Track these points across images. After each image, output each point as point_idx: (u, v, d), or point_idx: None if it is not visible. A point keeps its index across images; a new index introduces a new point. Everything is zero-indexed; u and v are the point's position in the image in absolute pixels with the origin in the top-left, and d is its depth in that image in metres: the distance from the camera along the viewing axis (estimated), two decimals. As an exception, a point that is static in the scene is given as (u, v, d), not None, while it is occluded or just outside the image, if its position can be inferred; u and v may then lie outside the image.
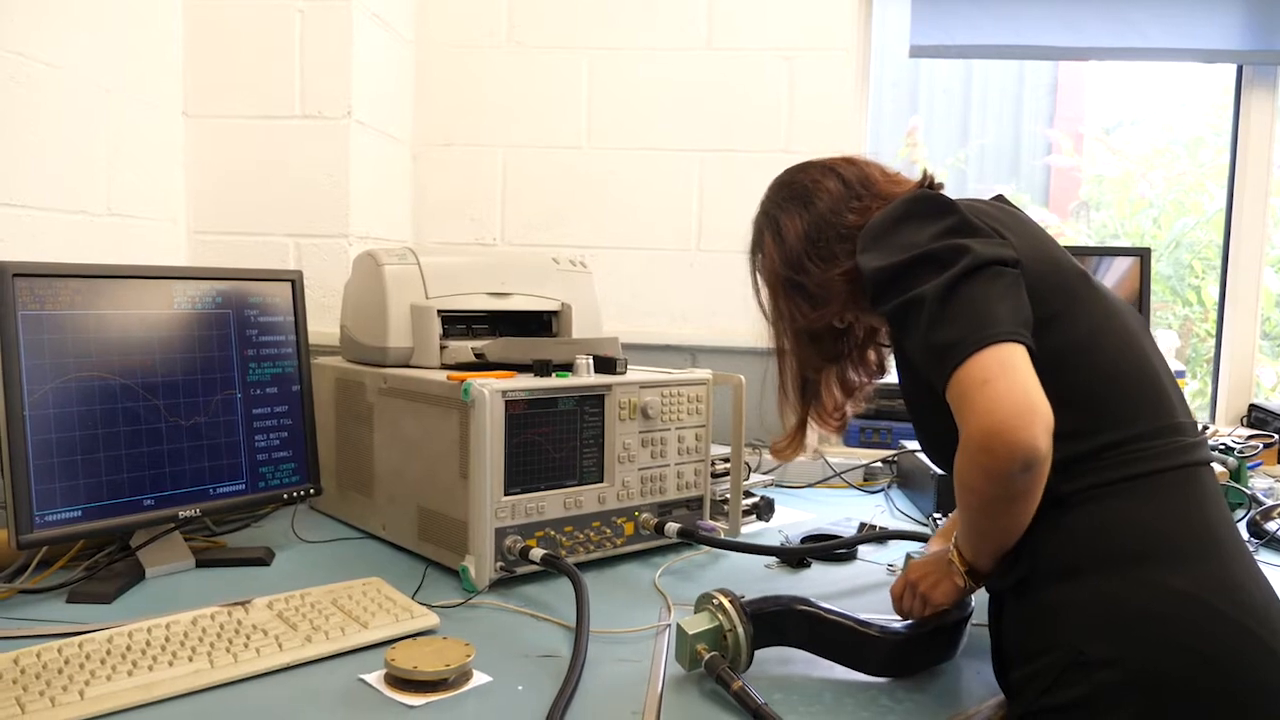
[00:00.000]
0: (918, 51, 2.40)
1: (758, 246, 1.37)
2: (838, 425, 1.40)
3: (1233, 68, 2.49)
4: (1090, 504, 1.00)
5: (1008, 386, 0.94)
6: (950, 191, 1.20)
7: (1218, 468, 1.50)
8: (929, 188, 1.24)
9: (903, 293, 1.05)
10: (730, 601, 1.11)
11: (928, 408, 1.09)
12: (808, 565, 1.57)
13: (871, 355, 1.36)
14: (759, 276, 1.37)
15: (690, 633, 1.10)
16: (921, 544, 1.61)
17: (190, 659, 1.08)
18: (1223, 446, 2.00)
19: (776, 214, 1.31)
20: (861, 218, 1.21)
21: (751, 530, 1.79)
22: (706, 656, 1.08)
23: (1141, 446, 1.02)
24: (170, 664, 1.07)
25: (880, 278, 1.08)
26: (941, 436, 1.05)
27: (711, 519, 1.68)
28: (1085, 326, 1.06)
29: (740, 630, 1.09)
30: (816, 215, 1.25)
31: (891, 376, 1.33)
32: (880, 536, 1.66)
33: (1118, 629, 0.95)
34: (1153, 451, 1.02)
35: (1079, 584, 0.99)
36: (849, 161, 1.29)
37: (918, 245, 1.06)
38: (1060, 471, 0.99)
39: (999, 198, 1.24)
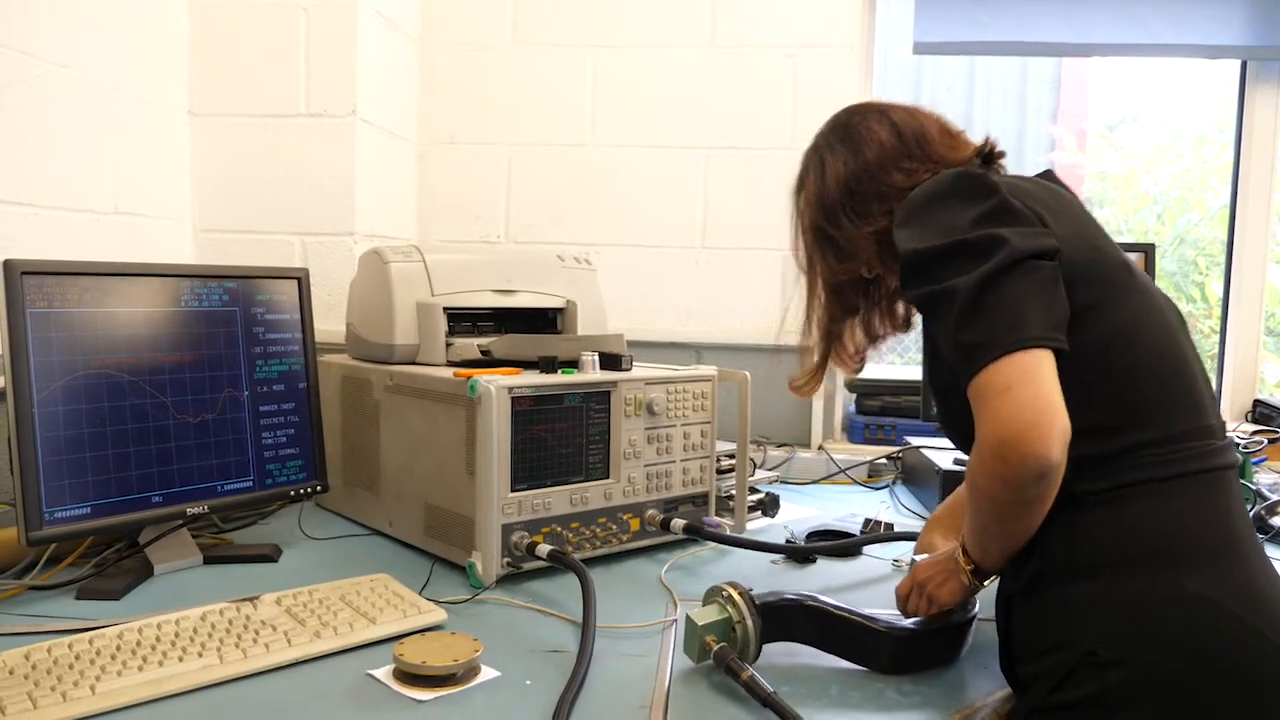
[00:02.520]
0: (921, 48, 2.40)
1: (801, 183, 1.31)
2: (856, 368, 1.36)
3: (1237, 63, 2.49)
4: (1114, 504, 0.99)
5: (1029, 395, 0.93)
6: None
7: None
8: (988, 156, 1.20)
9: (935, 282, 1.02)
10: (739, 594, 1.12)
11: (950, 388, 1.07)
12: (813, 561, 1.58)
13: (900, 310, 1.32)
14: (798, 215, 1.32)
15: (700, 624, 1.10)
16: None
17: (200, 654, 1.09)
18: (1228, 442, 2.00)
19: (825, 154, 1.26)
20: (908, 180, 1.17)
21: (757, 526, 1.79)
22: (715, 648, 1.08)
23: (1173, 448, 1.00)
24: (180, 659, 1.07)
25: (914, 260, 1.05)
26: (962, 418, 1.03)
27: (717, 515, 1.69)
28: (1123, 319, 1.04)
29: (749, 622, 1.10)
30: (862, 165, 1.21)
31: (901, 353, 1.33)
32: (888, 537, 1.66)
33: (1132, 630, 0.95)
34: (1183, 453, 1.01)
35: (1094, 583, 0.98)
36: (909, 113, 1.24)
37: (955, 231, 1.03)
38: (1083, 469, 0.98)
39: (1047, 174, 1.20)
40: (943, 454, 1.99)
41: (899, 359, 4.17)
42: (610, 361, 1.57)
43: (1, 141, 1.60)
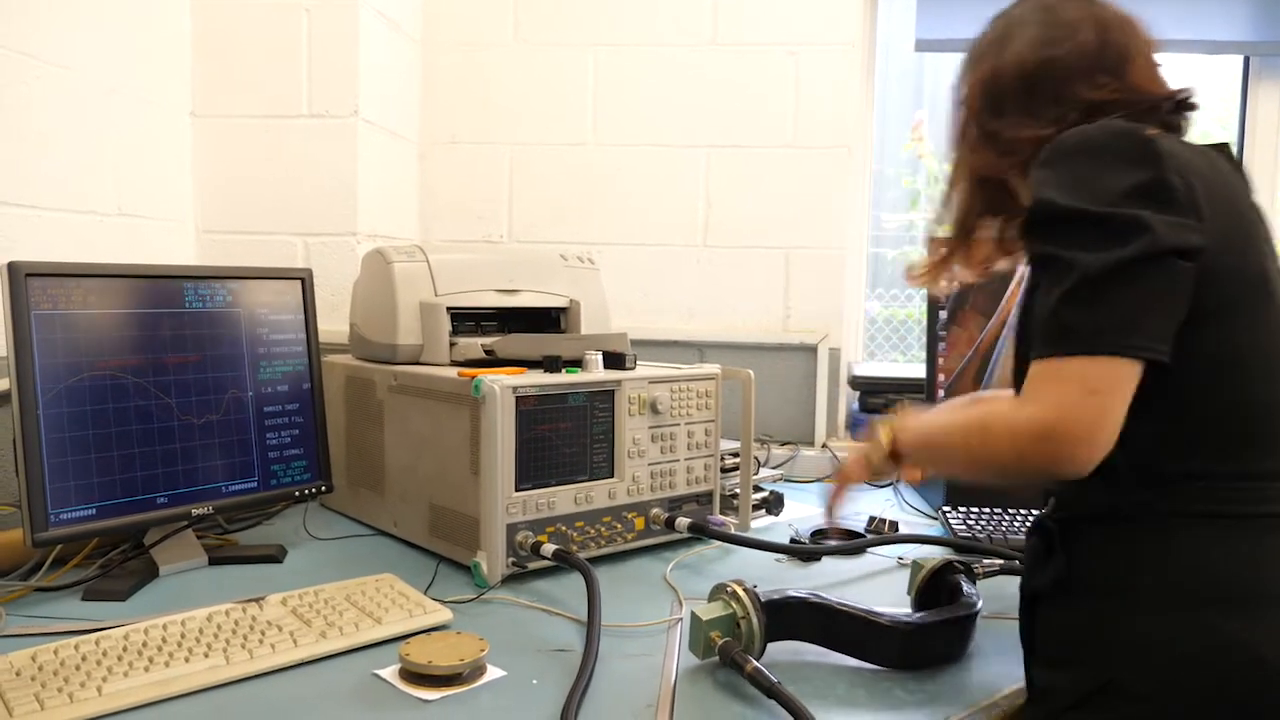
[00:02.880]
0: (924, 45, 2.40)
1: (978, 52, 1.17)
2: (980, 274, 1.26)
3: (1239, 59, 2.48)
4: (1172, 531, 0.94)
5: (1106, 406, 0.88)
6: None
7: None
8: (1181, 103, 1.06)
9: (1059, 245, 0.93)
10: (744, 590, 1.12)
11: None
12: (818, 559, 1.57)
13: None
14: (963, 82, 1.20)
15: (705, 619, 1.10)
16: (933, 547, 1.61)
17: (206, 655, 1.09)
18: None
19: (1015, 29, 1.12)
20: (1093, 95, 1.04)
21: (761, 525, 1.79)
22: (720, 642, 1.09)
23: (1252, 485, 0.95)
24: (186, 660, 1.07)
25: (1046, 211, 0.95)
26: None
27: (721, 514, 1.69)
28: (1240, 340, 0.95)
29: (754, 618, 1.10)
30: (1049, 59, 1.07)
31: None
32: (894, 539, 1.65)
33: (1162, 667, 0.91)
34: (1262, 493, 0.94)
35: (1133, 609, 0.94)
36: (1124, 24, 1.08)
37: (1100, 197, 0.92)
38: (1150, 487, 0.94)
39: (1222, 147, 1.06)
40: (947, 451, 1.99)
41: (901, 356, 4.17)
42: (614, 360, 1.57)
43: (3, 143, 1.60)
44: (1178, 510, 0.95)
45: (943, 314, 1.95)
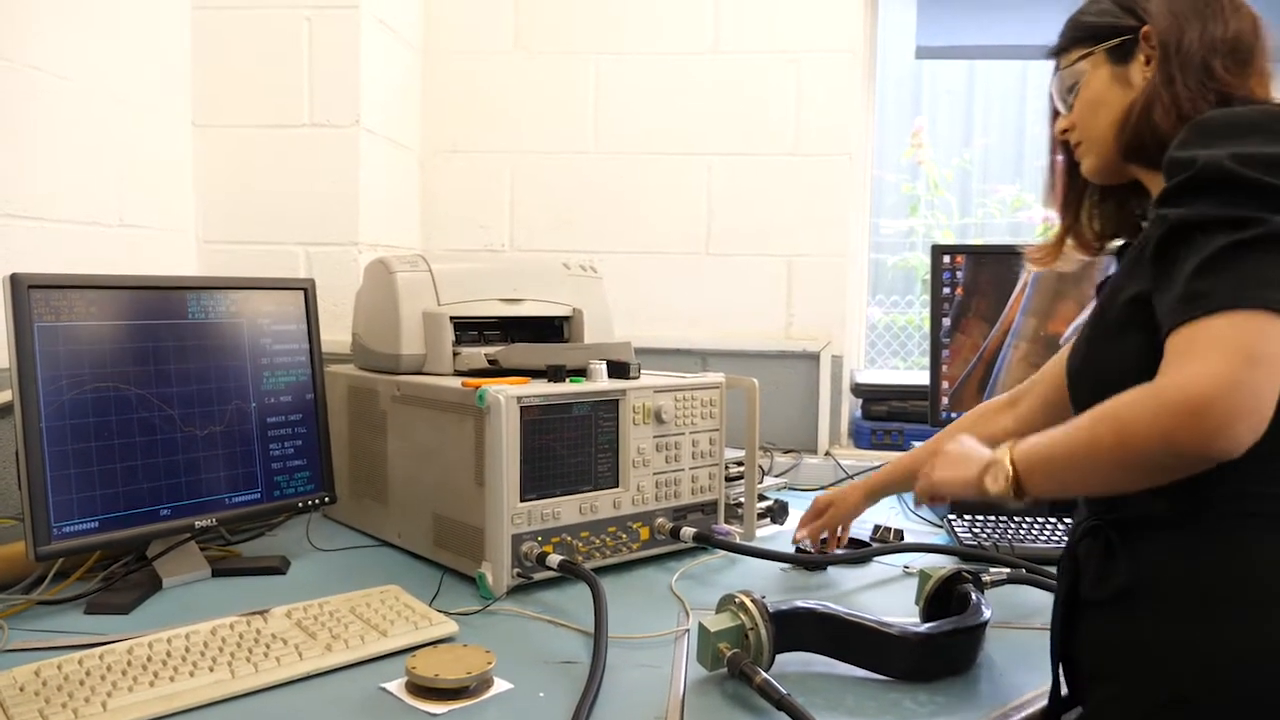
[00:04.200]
0: (924, 52, 2.40)
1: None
2: (1094, 252, 1.21)
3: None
4: (1263, 535, 0.89)
5: (1268, 375, 0.80)
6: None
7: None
8: None
9: (1207, 206, 0.87)
10: (752, 601, 1.11)
11: (1112, 332, 0.98)
12: (824, 569, 1.57)
13: (1102, 223, 1.19)
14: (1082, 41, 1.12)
15: (713, 630, 1.09)
16: (940, 556, 1.60)
17: (211, 669, 1.08)
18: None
19: None
20: (1225, 78, 1.00)
21: (766, 533, 1.78)
22: (729, 654, 1.08)
23: None
24: (191, 674, 1.06)
25: (1214, 172, 0.88)
26: (1102, 371, 0.96)
27: (726, 523, 1.68)
28: None
29: (762, 629, 1.09)
30: (1206, 35, 1.02)
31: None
32: (899, 548, 1.64)
33: (1241, 683, 0.86)
34: None
35: (1208, 619, 0.89)
36: (1255, 16, 1.05)
37: (1259, 168, 0.86)
38: (1233, 485, 0.88)
39: None
40: (951, 459, 1.98)
41: (901, 363, 4.17)
42: (618, 370, 1.57)
43: (5, 155, 1.60)
44: (1256, 511, 0.89)
45: (946, 322, 1.95)
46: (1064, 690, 1.06)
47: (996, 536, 1.64)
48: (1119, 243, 1.20)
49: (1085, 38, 1.12)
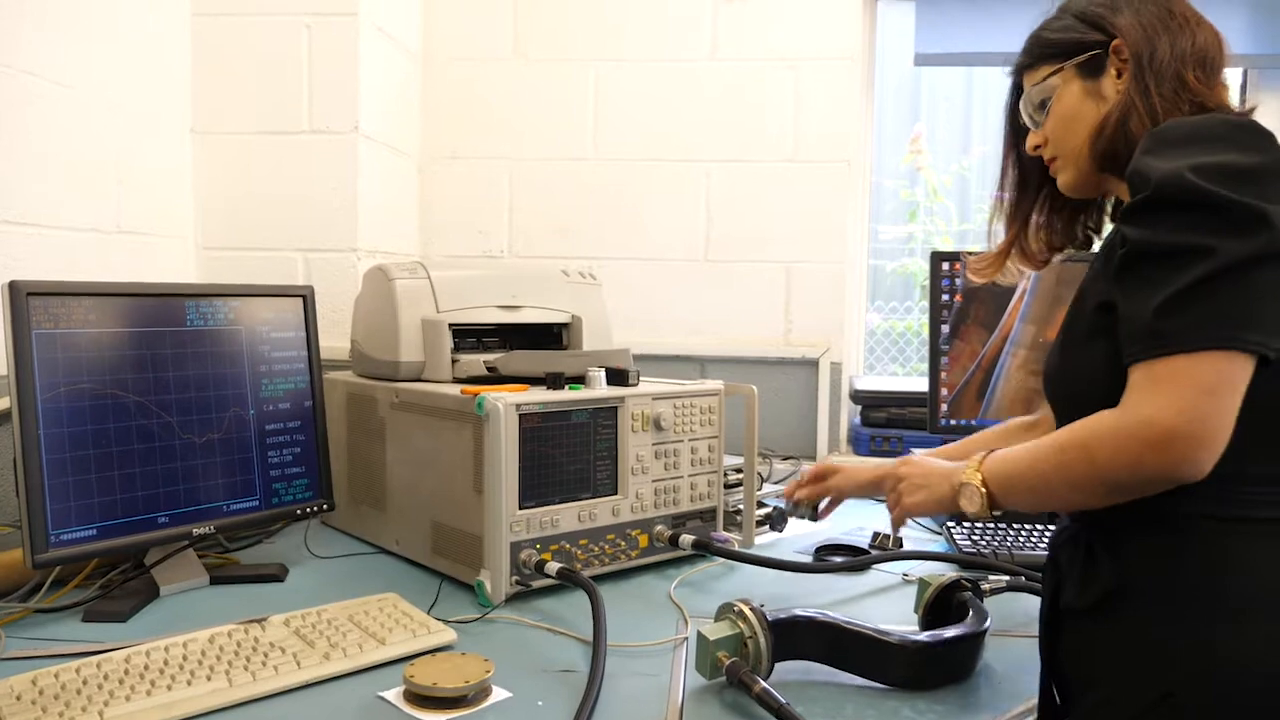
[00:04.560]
0: (923, 59, 2.40)
1: (1093, 18, 1.10)
2: (1039, 265, 1.25)
3: (1238, 71, 2.49)
4: (1244, 537, 0.92)
5: (1226, 407, 0.86)
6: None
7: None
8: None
9: (1166, 230, 0.89)
10: (751, 610, 1.11)
11: (1084, 343, 1.01)
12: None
13: (1068, 226, 1.22)
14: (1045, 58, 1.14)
15: (711, 639, 1.09)
16: (939, 564, 1.60)
17: (209, 678, 1.08)
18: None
19: (1138, 6, 1.07)
20: (1203, 91, 1.02)
21: (765, 541, 1.78)
22: (727, 663, 1.08)
23: None
24: (189, 683, 1.06)
25: (1174, 185, 0.89)
26: (1083, 381, 0.98)
27: (725, 530, 1.68)
28: None
29: (761, 637, 1.09)
30: (1176, 47, 1.03)
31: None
32: (898, 556, 1.64)
33: (1225, 681, 0.88)
34: None
35: (1193, 619, 0.91)
36: (1214, 31, 1.07)
37: (1222, 177, 0.88)
38: (1218, 490, 0.90)
39: None
40: (950, 466, 1.98)
41: (900, 369, 4.17)
42: (617, 377, 1.57)
43: (4, 161, 1.60)
44: (1240, 516, 0.92)
45: (945, 328, 1.95)
46: (1057, 699, 1.07)
47: (996, 544, 1.64)
48: (1060, 256, 1.24)
49: (1053, 54, 1.13)
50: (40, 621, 1.30)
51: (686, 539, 1.56)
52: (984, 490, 1.05)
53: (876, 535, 1.74)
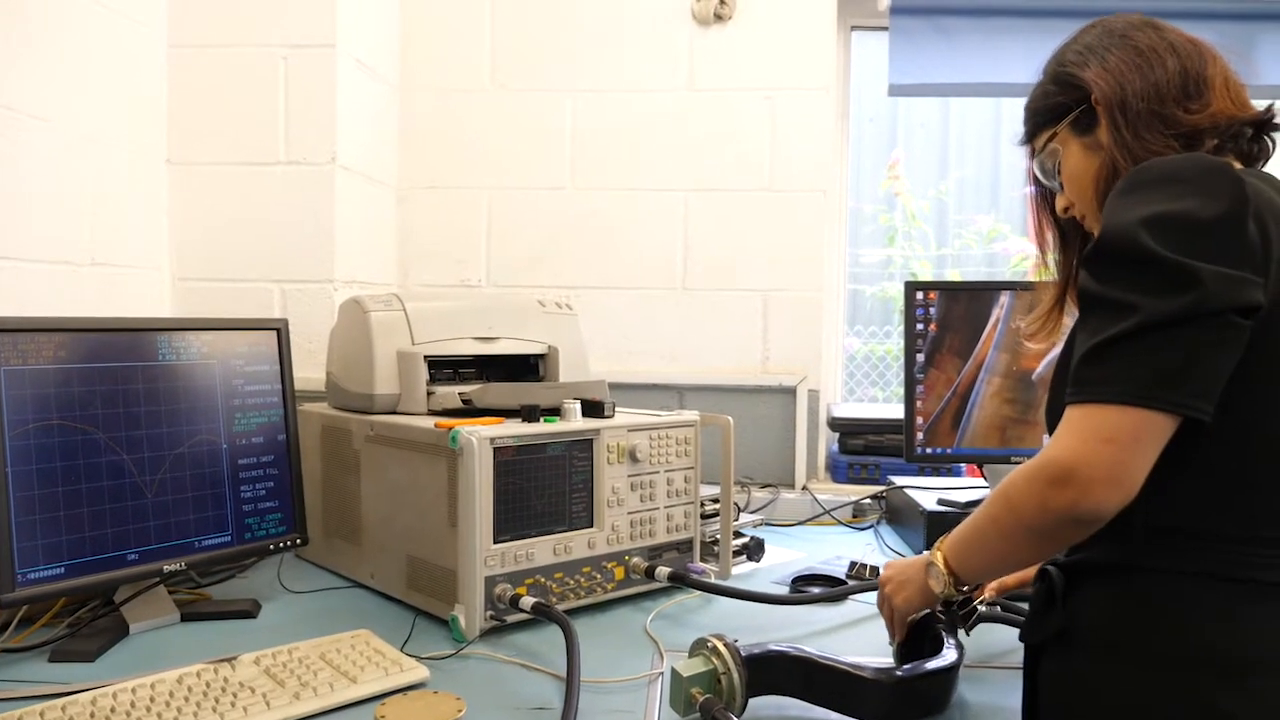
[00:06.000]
0: (897, 90, 2.43)
1: (1062, 72, 1.12)
2: None
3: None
4: (1183, 590, 0.93)
5: (1125, 458, 0.87)
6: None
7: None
8: (1265, 123, 1.04)
9: (1107, 286, 0.92)
10: (725, 645, 1.11)
11: (1065, 375, 1.00)
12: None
13: None
14: (1041, 127, 1.16)
15: (685, 675, 1.09)
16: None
17: (176, 720, 1.06)
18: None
19: (1103, 54, 1.08)
20: (1193, 118, 1.02)
21: (742, 571, 1.78)
22: (701, 699, 1.07)
23: (1274, 553, 0.92)
24: (156, 726, 1.05)
25: (1101, 248, 0.94)
26: (1057, 409, 0.98)
27: (702, 560, 1.68)
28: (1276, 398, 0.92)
29: (735, 673, 1.09)
30: (1148, 85, 1.04)
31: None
32: (873, 586, 1.63)
33: None
34: (1263, 560, 0.92)
35: (1126, 666, 0.94)
36: (1192, 44, 1.06)
37: (1165, 238, 0.89)
38: (1164, 542, 0.94)
39: None
40: (927, 494, 1.99)
41: (880, 392, 4.18)
42: (592, 409, 1.57)
43: (-24, 195, 1.59)
44: (1183, 569, 0.94)
45: (920, 356, 1.96)
46: None
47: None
48: None
49: (1045, 121, 1.15)
50: (5, 662, 1.28)
51: (662, 571, 1.55)
52: (945, 566, 1.09)
53: (854, 565, 1.74)
